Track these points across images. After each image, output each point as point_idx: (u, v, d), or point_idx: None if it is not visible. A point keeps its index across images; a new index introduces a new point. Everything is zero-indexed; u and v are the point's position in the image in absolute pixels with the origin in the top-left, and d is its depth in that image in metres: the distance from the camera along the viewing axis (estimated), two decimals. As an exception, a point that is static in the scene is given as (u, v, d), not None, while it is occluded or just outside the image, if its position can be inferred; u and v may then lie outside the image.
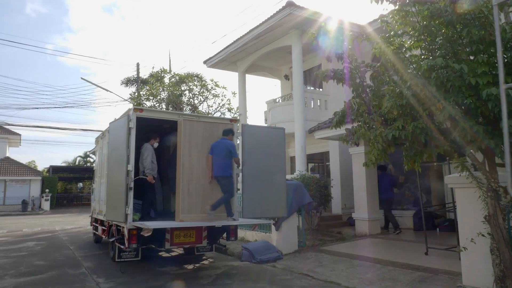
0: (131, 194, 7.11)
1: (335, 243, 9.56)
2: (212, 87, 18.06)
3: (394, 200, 13.09)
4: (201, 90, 18.18)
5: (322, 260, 7.85)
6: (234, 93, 18.44)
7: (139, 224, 6.66)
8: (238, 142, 8.61)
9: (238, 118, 8.63)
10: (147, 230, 6.55)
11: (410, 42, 4.72)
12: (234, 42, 14.70)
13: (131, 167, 7.16)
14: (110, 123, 8.26)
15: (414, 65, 4.46)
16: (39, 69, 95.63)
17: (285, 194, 8.61)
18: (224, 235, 8.30)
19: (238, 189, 8.56)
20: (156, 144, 8.15)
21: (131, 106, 9.98)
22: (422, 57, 4.57)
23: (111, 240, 8.08)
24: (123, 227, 7.38)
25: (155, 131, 9.58)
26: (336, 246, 9.22)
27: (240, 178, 8.51)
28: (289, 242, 8.97)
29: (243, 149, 8.16)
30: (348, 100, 6.04)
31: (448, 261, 6.97)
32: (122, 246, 7.44)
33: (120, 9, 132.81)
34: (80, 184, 46.06)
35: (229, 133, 7.62)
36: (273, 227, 9.18)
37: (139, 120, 7.40)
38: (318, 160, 15.90)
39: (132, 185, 7.15)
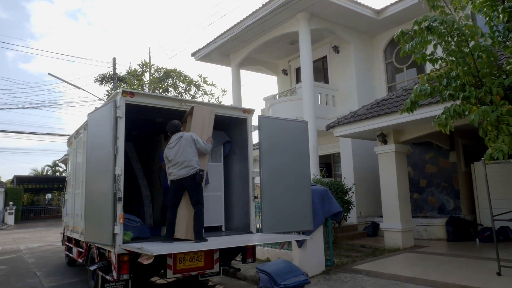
0: (120, 206, 5.26)
1: (366, 260, 7.93)
2: (200, 84, 16.34)
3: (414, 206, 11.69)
4: (188, 88, 16.40)
5: (365, 285, 6.19)
6: (224, 91, 16.76)
7: (134, 248, 4.79)
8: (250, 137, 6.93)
9: (253, 108, 6.87)
10: (148, 257, 4.69)
11: None
12: (230, 29, 12.97)
13: (120, 170, 5.31)
14: (89, 114, 6.36)
15: None
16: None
17: (311, 202, 6.97)
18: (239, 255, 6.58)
19: (256, 197, 6.86)
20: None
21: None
22: None
23: (91, 268, 6.14)
24: (109, 252, 5.50)
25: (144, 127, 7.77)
26: (370, 264, 7.59)
27: (255, 183, 6.86)
28: (315, 261, 7.27)
29: (260, 147, 6.48)
30: (426, 74, 4.41)
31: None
32: (108, 277, 5.53)
33: (86, 16, 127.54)
34: (49, 195, 42.65)
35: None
36: (294, 243, 7.49)
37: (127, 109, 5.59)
38: (323, 163, 14.32)
39: (121, 194, 5.30)
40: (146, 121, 7.47)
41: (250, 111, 6.89)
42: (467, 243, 9.19)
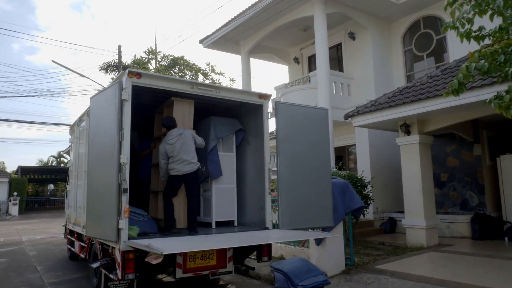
0: (125, 198, 4.74)
1: (389, 259, 7.39)
2: (207, 73, 15.80)
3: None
4: (195, 76, 15.86)
5: (391, 288, 5.65)
6: (232, 80, 16.25)
7: (142, 245, 4.27)
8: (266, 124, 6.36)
9: (269, 94, 6.31)
10: (157, 256, 4.18)
11: None
12: (240, 14, 12.35)
13: (125, 158, 4.78)
14: (91, 98, 5.82)
15: None
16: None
17: (331, 197, 6.43)
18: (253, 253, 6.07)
19: (272, 190, 6.32)
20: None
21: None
22: None
23: (94, 266, 5.65)
24: (113, 248, 5.00)
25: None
26: (394, 264, 7.05)
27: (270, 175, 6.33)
28: (334, 259, 6.74)
29: (277, 135, 5.94)
30: (477, 51, 3.82)
31: None
32: (111, 275, 5.04)
33: (90, 8, 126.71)
34: (51, 186, 42.34)
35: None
36: (312, 241, 6.96)
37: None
38: (336, 155, 13.75)
39: (126, 185, 4.77)
40: (154, 107, 6.94)
41: (266, 97, 6.32)
42: (494, 242, 8.60)
